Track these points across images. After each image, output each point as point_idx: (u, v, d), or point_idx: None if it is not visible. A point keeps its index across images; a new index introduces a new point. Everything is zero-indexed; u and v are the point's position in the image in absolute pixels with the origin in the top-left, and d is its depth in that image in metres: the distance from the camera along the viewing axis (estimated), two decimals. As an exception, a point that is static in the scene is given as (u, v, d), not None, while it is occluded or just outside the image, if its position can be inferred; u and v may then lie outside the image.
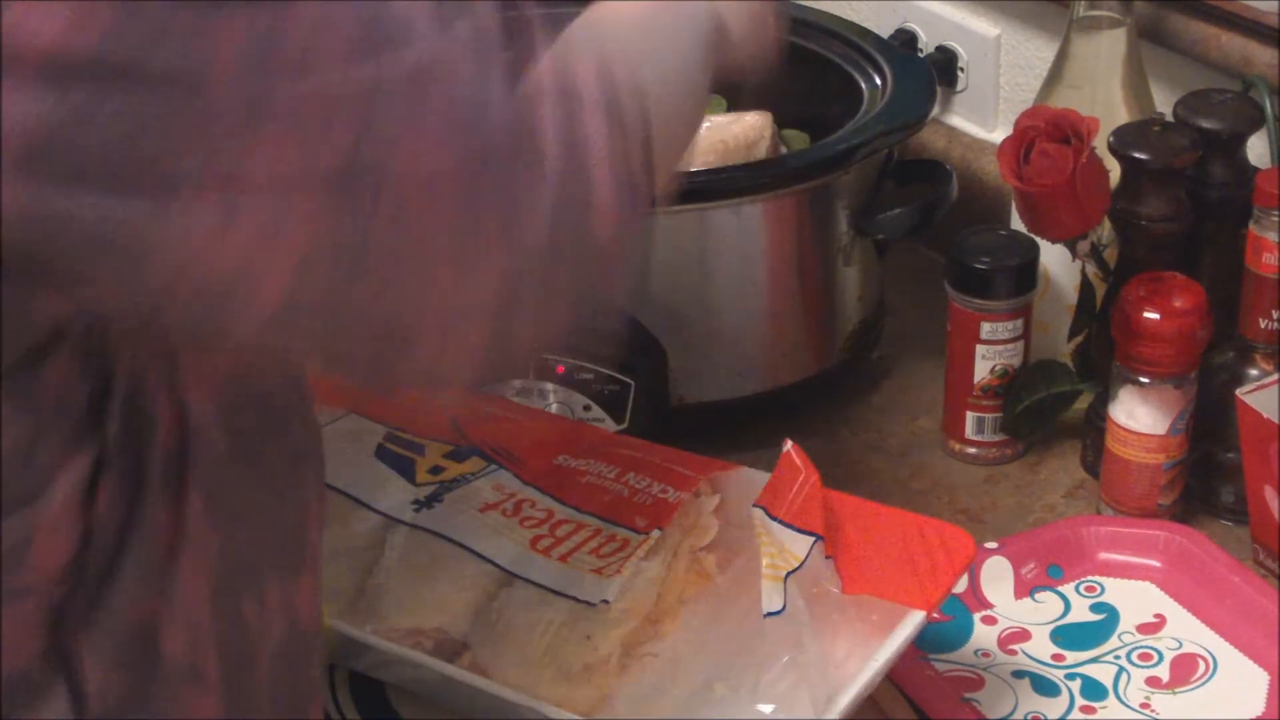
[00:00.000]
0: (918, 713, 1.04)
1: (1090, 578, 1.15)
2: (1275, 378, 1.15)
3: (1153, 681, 1.07)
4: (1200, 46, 1.29)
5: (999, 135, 1.39)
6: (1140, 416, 1.18)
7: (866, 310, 1.35)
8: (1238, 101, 1.21)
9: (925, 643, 1.07)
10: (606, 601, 1.03)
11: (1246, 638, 1.09)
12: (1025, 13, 1.45)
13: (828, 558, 1.02)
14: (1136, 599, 1.14)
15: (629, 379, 1.23)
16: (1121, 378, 1.18)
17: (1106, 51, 1.26)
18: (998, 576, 1.14)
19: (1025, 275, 1.25)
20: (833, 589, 1.02)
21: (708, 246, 1.25)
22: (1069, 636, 1.11)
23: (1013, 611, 1.13)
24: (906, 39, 1.51)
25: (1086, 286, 1.25)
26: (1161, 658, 1.09)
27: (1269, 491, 1.14)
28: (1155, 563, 1.15)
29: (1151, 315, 1.15)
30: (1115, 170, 1.20)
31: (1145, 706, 1.06)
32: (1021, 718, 1.05)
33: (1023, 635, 1.11)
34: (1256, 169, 1.19)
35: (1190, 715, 1.05)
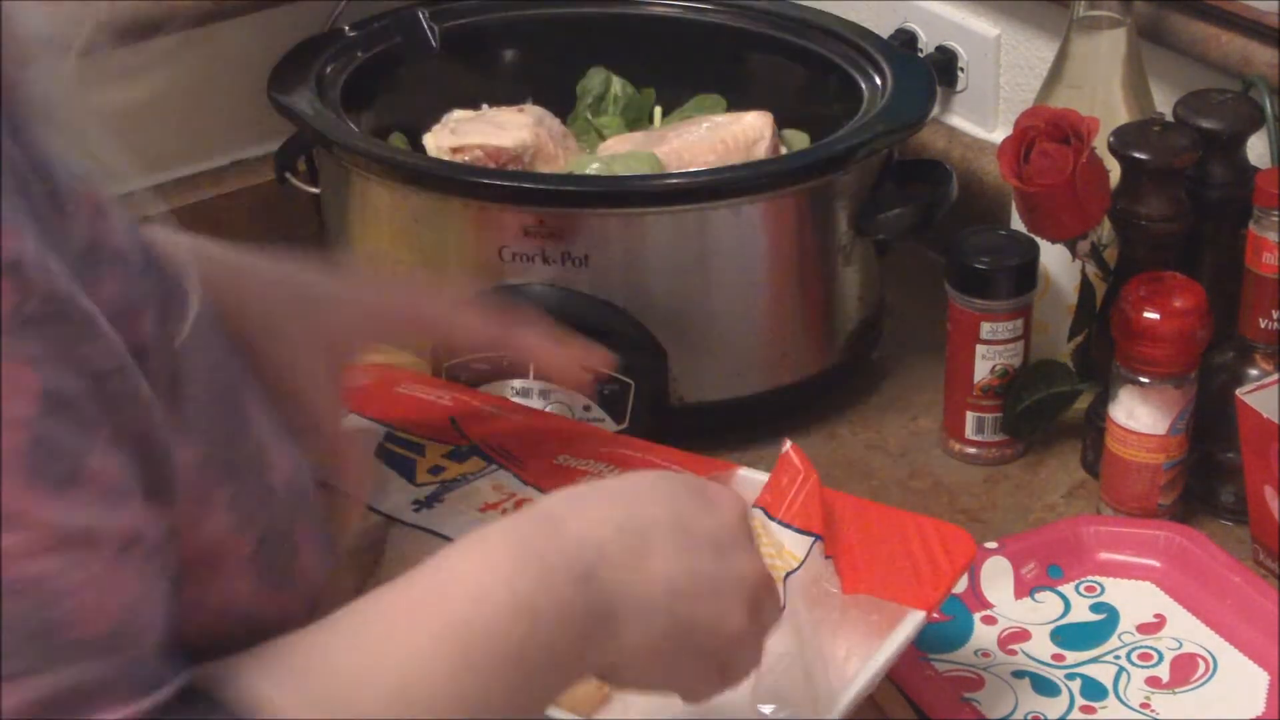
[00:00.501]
0: (918, 713, 1.04)
1: (1090, 578, 1.15)
2: (1275, 378, 1.15)
3: (1153, 681, 1.07)
4: (1200, 46, 1.29)
5: (999, 135, 1.38)
6: (1140, 416, 1.17)
7: (866, 310, 1.35)
8: (1238, 101, 1.21)
9: (925, 643, 1.07)
10: (606, 601, 1.03)
11: (1246, 638, 1.09)
12: (1025, 13, 1.44)
13: (827, 558, 1.02)
14: (1136, 599, 1.13)
15: (629, 379, 1.23)
16: (1121, 378, 1.18)
17: (1106, 51, 1.26)
18: (998, 576, 1.14)
19: (1025, 275, 1.25)
20: (832, 589, 1.02)
21: (708, 246, 1.25)
22: (1069, 636, 1.11)
23: (1013, 611, 1.13)
24: (906, 39, 1.51)
25: (1086, 286, 1.25)
26: (1161, 658, 1.09)
27: (1269, 491, 1.14)
28: (1155, 563, 1.15)
29: (1151, 315, 1.15)
30: (1115, 170, 1.20)
31: (1145, 706, 1.06)
32: (1021, 718, 1.05)
33: (1023, 635, 1.11)
34: (1256, 169, 1.19)
35: (1190, 715, 1.05)
